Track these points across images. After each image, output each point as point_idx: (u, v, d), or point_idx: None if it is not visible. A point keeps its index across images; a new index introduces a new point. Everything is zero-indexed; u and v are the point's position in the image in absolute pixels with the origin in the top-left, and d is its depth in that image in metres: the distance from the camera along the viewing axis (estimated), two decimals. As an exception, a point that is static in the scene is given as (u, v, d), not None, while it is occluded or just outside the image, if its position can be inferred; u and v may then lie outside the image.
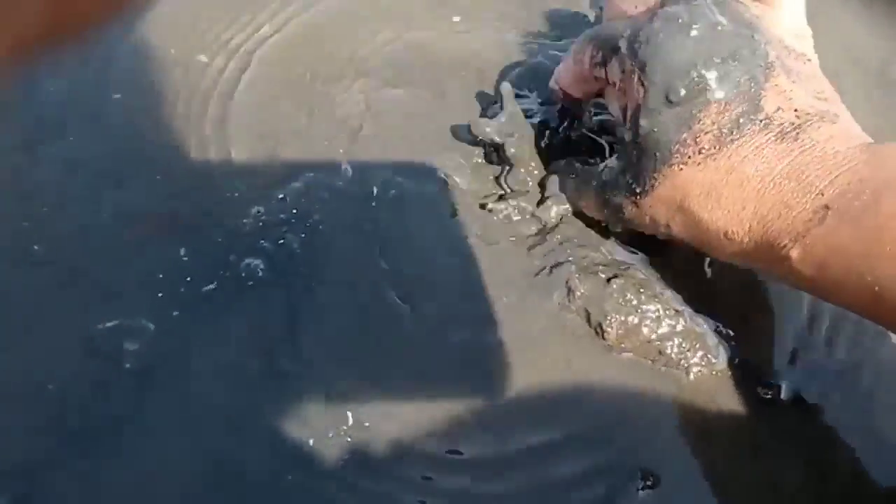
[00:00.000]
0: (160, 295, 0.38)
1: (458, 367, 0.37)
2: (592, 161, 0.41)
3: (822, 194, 0.31)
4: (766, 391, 0.37)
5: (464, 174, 0.43)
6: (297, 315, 0.38)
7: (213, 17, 0.49)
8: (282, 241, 0.41)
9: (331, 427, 0.35)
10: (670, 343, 0.37)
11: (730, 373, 0.38)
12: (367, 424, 0.35)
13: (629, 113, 0.35)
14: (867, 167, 0.31)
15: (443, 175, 0.43)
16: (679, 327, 0.38)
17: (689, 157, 0.33)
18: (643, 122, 0.34)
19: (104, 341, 0.37)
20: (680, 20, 0.34)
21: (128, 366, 0.36)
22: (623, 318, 0.37)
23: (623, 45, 0.35)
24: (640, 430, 0.36)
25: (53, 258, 0.39)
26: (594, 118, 0.44)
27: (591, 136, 0.44)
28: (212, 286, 0.39)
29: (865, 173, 0.31)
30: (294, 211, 0.42)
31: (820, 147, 0.32)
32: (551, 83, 0.44)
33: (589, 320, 0.38)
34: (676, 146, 0.33)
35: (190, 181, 0.42)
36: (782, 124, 0.33)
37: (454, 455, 0.35)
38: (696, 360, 0.38)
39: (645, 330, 0.37)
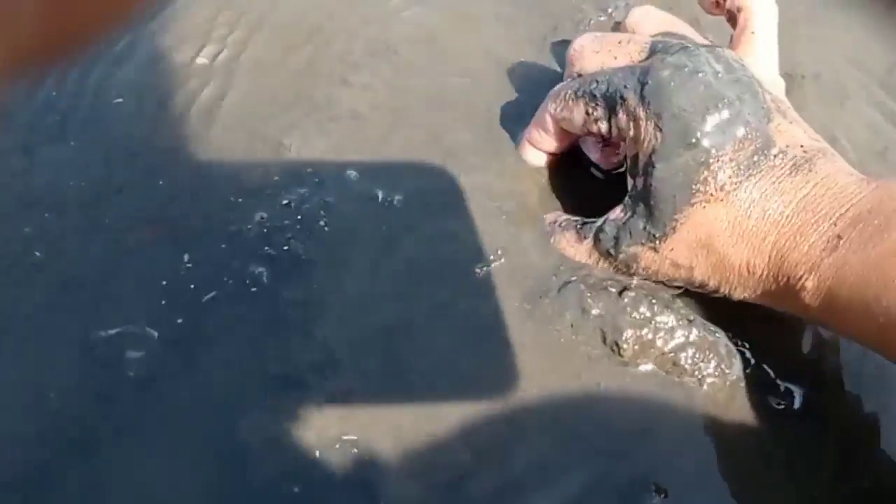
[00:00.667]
0: (163, 302, 0.38)
1: (467, 382, 0.36)
2: (588, 220, 0.40)
3: (836, 224, 0.33)
4: (780, 401, 0.37)
5: (475, 177, 0.43)
6: (301, 324, 0.38)
7: (213, 19, 0.48)
8: (286, 247, 0.40)
9: (336, 438, 0.35)
10: (684, 354, 0.37)
11: (743, 383, 0.37)
12: (373, 436, 0.35)
13: (641, 161, 0.36)
14: (876, 199, 0.33)
15: (452, 180, 0.43)
16: (692, 337, 0.37)
17: (712, 195, 0.34)
18: (660, 166, 0.35)
19: (106, 349, 0.36)
20: (686, 67, 0.35)
21: (130, 374, 0.36)
22: (638, 333, 0.37)
23: (631, 95, 0.36)
24: (653, 442, 0.35)
25: (54, 264, 0.39)
26: None
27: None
28: (215, 294, 0.38)
29: (874, 204, 0.32)
30: (299, 217, 0.41)
31: (831, 179, 0.34)
32: (524, 147, 0.43)
33: (605, 339, 0.37)
34: (697, 185, 0.35)
35: (193, 186, 0.41)
36: (794, 158, 0.35)
37: (462, 469, 0.34)
38: (709, 370, 0.37)
39: (659, 342, 0.37)
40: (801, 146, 0.35)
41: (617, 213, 0.38)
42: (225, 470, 0.34)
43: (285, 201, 0.41)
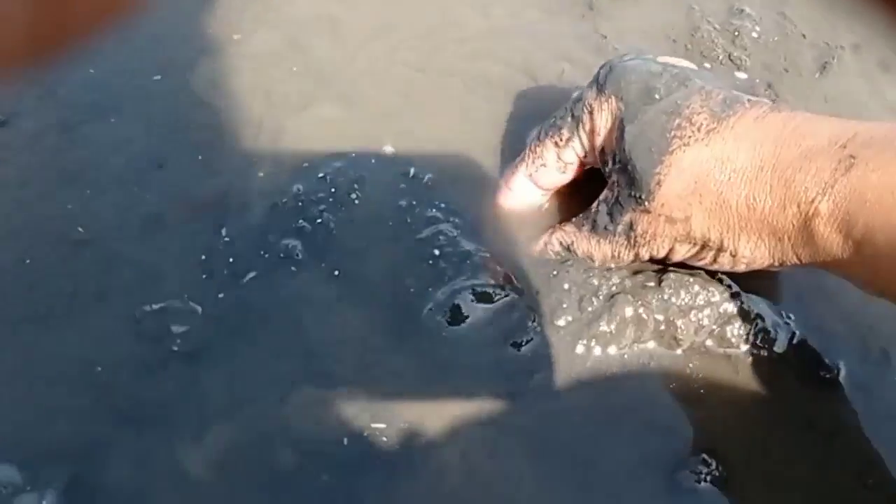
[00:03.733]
0: (204, 277, 0.38)
1: (495, 369, 0.36)
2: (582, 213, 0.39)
3: (845, 147, 0.31)
4: (826, 372, 0.36)
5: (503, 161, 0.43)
6: (334, 302, 0.38)
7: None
8: (319, 220, 0.40)
9: (372, 422, 0.35)
10: (730, 327, 0.36)
11: (789, 354, 0.37)
12: (406, 423, 0.35)
13: (613, 136, 0.36)
14: (885, 128, 0.31)
15: (485, 161, 0.42)
16: (736, 310, 0.37)
17: (690, 137, 0.33)
18: (629, 127, 0.34)
19: (151, 324, 0.37)
20: (635, 58, 0.36)
21: (175, 348, 0.36)
22: (690, 319, 0.36)
23: (591, 92, 0.37)
24: (701, 415, 0.35)
25: (97, 239, 0.39)
26: None
27: None
28: (253, 268, 0.38)
29: (888, 132, 0.31)
30: (333, 190, 0.41)
31: (815, 118, 0.33)
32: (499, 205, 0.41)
33: (662, 338, 0.37)
34: (672, 132, 0.33)
35: (231, 161, 0.41)
36: (769, 104, 0.34)
37: (514, 440, 0.35)
38: (756, 341, 0.37)
39: (706, 320, 0.36)
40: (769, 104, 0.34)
41: (605, 193, 0.37)
42: (266, 444, 0.34)
43: (321, 174, 0.41)
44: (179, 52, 0.45)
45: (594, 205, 0.37)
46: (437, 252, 0.39)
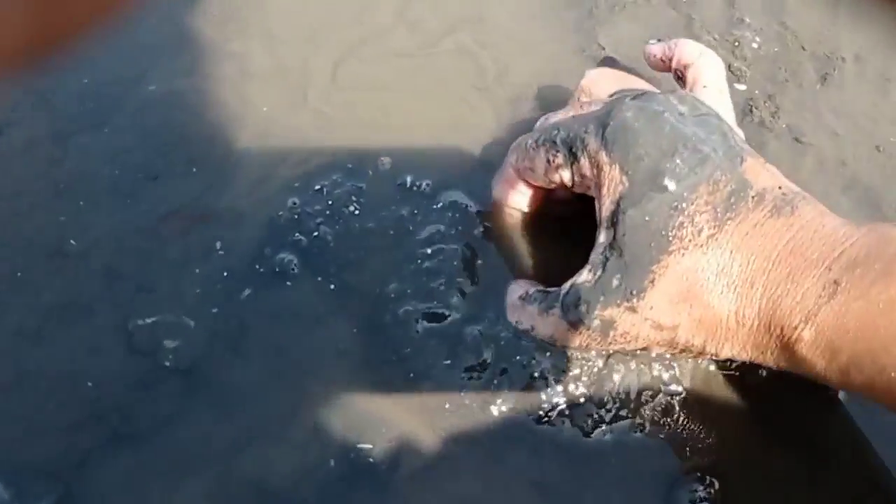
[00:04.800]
0: (197, 291, 0.38)
1: (490, 389, 0.36)
2: (551, 290, 0.36)
3: (830, 269, 0.30)
4: (826, 389, 0.36)
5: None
6: (330, 316, 0.37)
7: (244, 4, 0.47)
8: (316, 233, 0.40)
9: (369, 432, 0.34)
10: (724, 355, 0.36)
11: (786, 374, 0.36)
12: (396, 443, 0.34)
13: (608, 209, 0.33)
14: (870, 243, 0.30)
15: (483, 168, 0.42)
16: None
17: (690, 241, 0.32)
18: (631, 211, 0.32)
19: (144, 338, 0.36)
20: (653, 108, 0.33)
21: (168, 364, 0.36)
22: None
23: (592, 139, 0.33)
24: (700, 432, 0.35)
25: (89, 252, 0.39)
26: None
27: None
28: (247, 282, 0.38)
29: (871, 249, 0.30)
30: (329, 203, 0.41)
31: (817, 222, 0.31)
32: (494, 207, 0.40)
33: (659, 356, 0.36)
34: (673, 231, 0.32)
35: (226, 172, 0.41)
36: (774, 200, 0.32)
37: (516, 457, 0.34)
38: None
39: (702, 363, 0.36)
40: (779, 187, 0.32)
41: (584, 275, 0.33)
42: (260, 459, 0.34)
43: (317, 187, 0.41)
44: (175, 63, 0.44)
45: (566, 286, 0.34)
46: (437, 266, 0.39)
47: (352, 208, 0.40)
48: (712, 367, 0.36)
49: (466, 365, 0.36)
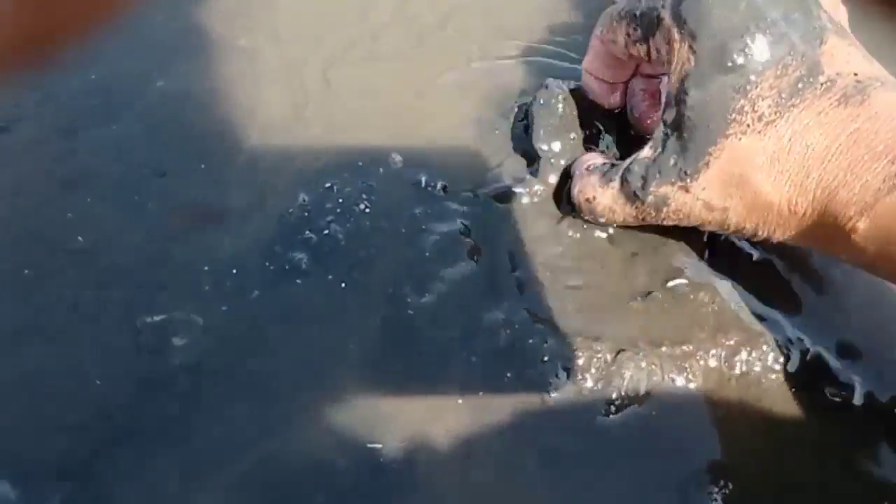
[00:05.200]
0: (206, 288, 0.37)
1: (506, 387, 0.36)
2: (616, 163, 0.37)
3: (894, 162, 0.29)
4: (838, 394, 0.36)
5: (517, 169, 0.42)
6: (340, 314, 0.37)
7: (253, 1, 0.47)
8: (326, 231, 0.39)
9: (380, 429, 0.34)
10: (741, 348, 0.36)
11: (802, 375, 0.36)
12: (406, 442, 0.34)
13: (675, 87, 0.33)
14: None
15: (497, 169, 0.42)
16: (747, 330, 0.36)
17: (749, 126, 0.31)
18: (694, 92, 0.32)
19: (152, 336, 0.36)
20: None
21: (176, 361, 0.35)
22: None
23: (667, 13, 0.33)
24: (712, 438, 0.34)
25: (97, 249, 0.38)
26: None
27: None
28: (257, 280, 0.38)
29: None
30: (340, 200, 0.40)
31: (888, 112, 0.30)
32: (583, 77, 0.41)
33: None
34: (733, 115, 0.31)
35: (234, 169, 0.41)
36: (845, 88, 0.31)
37: (524, 462, 0.34)
38: (768, 362, 0.36)
39: (714, 363, 0.36)
40: (855, 74, 0.31)
41: (645, 151, 0.34)
42: (268, 458, 0.34)
43: (328, 184, 0.41)
44: (183, 58, 0.44)
45: (628, 161, 0.35)
46: (448, 264, 0.38)
47: (362, 206, 0.40)
48: (726, 369, 0.36)
49: (477, 361, 0.36)
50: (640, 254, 0.39)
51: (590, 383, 0.35)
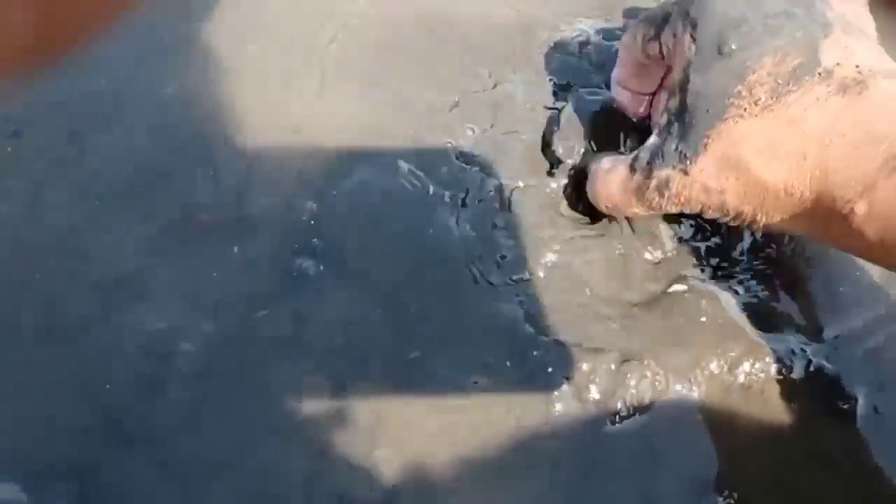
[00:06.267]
0: (215, 295, 0.38)
1: (514, 398, 0.36)
2: (626, 153, 0.39)
3: (894, 145, 0.29)
4: (843, 403, 0.36)
5: (532, 173, 0.42)
6: (347, 324, 0.37)
7: (262, 6, 0.47)
8: (334, 239, 0.39)
9: (381, 444, 0.34)
10: (745, 358, 0.36)
11: (805, 385, 0.36)
12: (411, 454, 0.34)
13: (677, 77, 0.34)
14: None
15: (506, 179, 0.42)
16: (750, 339, 0.36)
17: (745, 110, 0.32)
18: (694, 77, 0.33)
19: (159, 342, 0.36)
20: None
21: (182, 368, 0.36)
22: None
23: (674, 9, 0.35)
24: (717, 447, 0.35)
25: (105, 254, 0.39)
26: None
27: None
28: (264, 287, 0.38)
29: None
30: (349, 207, 0.40)
31: (888, 100, 0.30)
32: (613, 89, 0.42)
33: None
34: (730, 99, 0.32)
35: (243, 177, 0.41)
36: (844, 79, 0.31)
37: (531, 467, 0.34)
38: (772, 372, 0.36)
39: (716, 370, 0.36)
40: (857, 66, 0.31)
41: (652, 138, 0.36)
42: (270, 466, 0.34)
43: (335, 192, 0.41)
44: (191, 65, 0.44)
45: (637, 152, 0.36)
46: (457, 272, 0.39)
47: (372, 212, 0.40)
48: (729, 379, 0.36)
49: (481, 372, 0.36)
50: (644, 262, 0.39)
51: (594, 394, 0.35)
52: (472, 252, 0.39)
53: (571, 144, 0.41)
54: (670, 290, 0.38)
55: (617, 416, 0.35)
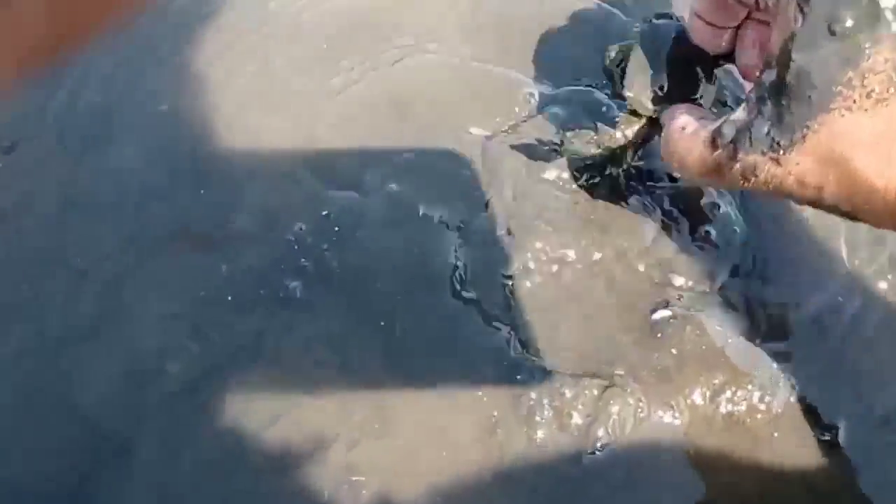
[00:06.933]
0: (202, 314, 0.38)
1: (499, 424, 0.36)
2: (709, 120, 0.33)
3: None
4: (824, 433, 0.36)
5: (515, 202, 0.42)
6: (334, 343, 0.37)
7: (257, 30, 0.48)
8: (321, 260, 0.40)
9: (360, 467, 0.34)
10: (727, 387, 0.36)
11: (787, 415, 0.36)
12: (388, 478, 0.34)
13: (777, 48, 0.29)
14: None
15: (497, 202, 0.42)
16: (732, 369, 0.37)
17: (855, 102, 0.28)
18: (797, 56, 0.28)
19: (146, 360, 0.36)
20: None
21: (169, 386, 0.36)
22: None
23: None
24: (697, 477, 0.35)
25: (95, 270, 0.39)
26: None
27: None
28: (251, 306, 0.38)
29: None
30: (336, 229, 0.41)
31: None
32: (687, 16, 0.38)
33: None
34: (839, 87, 0.28)
35: (233, 195, 0.41)
36: None
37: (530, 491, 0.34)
38: (754, 401, 0.36)
39: (698, 398, 0.36)
40: None
41: (738, 112, 0.31)
42: (264, 480, 0.34)
43: (325, 212, 0.41)
44: (187, 83, 0.44)
45: (720, 122, 0.32)
46: (442, 295, 0.39)
47: (359, 234, 0.40)
48: (711, 407, 0.36)
49: (469, 389, 0.36)
50: (630, 290, 0.39)
51: (576, 419, 0.35)
52: (461, 274, 0.39)
53: (639, 85, 0.38)
54: (655, 316, 0.39)
55: (598, 444, 0.35)
